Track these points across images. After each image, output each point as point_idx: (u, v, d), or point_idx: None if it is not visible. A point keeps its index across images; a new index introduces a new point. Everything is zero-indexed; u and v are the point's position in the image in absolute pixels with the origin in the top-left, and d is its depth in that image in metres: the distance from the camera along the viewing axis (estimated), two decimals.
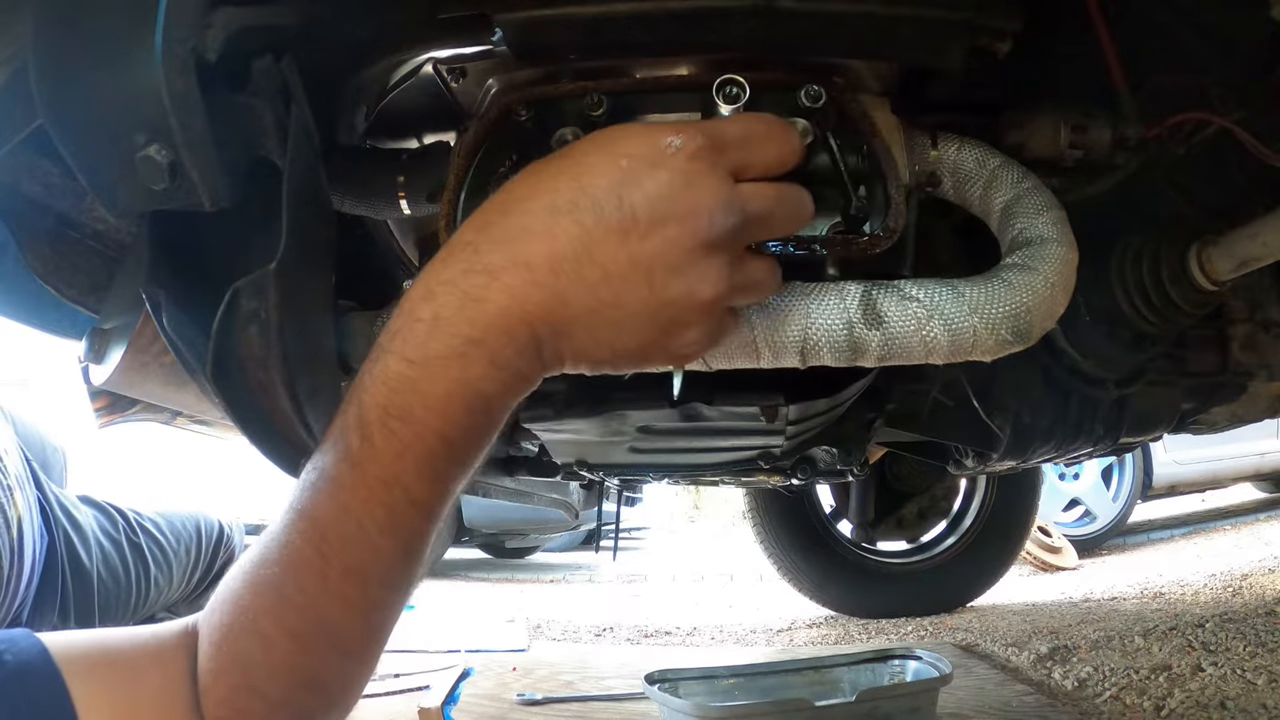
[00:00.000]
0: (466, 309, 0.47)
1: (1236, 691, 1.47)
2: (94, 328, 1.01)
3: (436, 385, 0.47)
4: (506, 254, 0.47)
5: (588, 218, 0.47)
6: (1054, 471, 4.20)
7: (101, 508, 1.98)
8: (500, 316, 0.47)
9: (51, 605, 1.73)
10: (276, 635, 0.50)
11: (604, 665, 2.06)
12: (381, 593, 0.52)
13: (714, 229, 0.48)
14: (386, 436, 0.48)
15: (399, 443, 0.48)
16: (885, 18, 0.66)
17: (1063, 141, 0.78)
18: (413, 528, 0.50)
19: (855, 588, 2.72)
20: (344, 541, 0.49)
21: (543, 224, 0.47)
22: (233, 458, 3.46)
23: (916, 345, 0.62)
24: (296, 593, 0.50)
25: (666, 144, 0.48)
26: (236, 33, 0.57)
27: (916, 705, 1.33)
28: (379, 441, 0.48)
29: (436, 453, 0.48)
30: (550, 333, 0.49)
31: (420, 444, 0.48)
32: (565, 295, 0.47)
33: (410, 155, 0.79)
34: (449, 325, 0.47)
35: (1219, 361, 1.10)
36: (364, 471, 0.48)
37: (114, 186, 0.57)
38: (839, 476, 1.51)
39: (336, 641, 0.52)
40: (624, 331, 0.49)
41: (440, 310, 0.47)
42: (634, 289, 0.48)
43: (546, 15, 0.67)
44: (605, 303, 0.48)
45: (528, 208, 0.48)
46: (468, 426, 0.49)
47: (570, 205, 0.47)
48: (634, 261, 0.47)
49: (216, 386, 0.61)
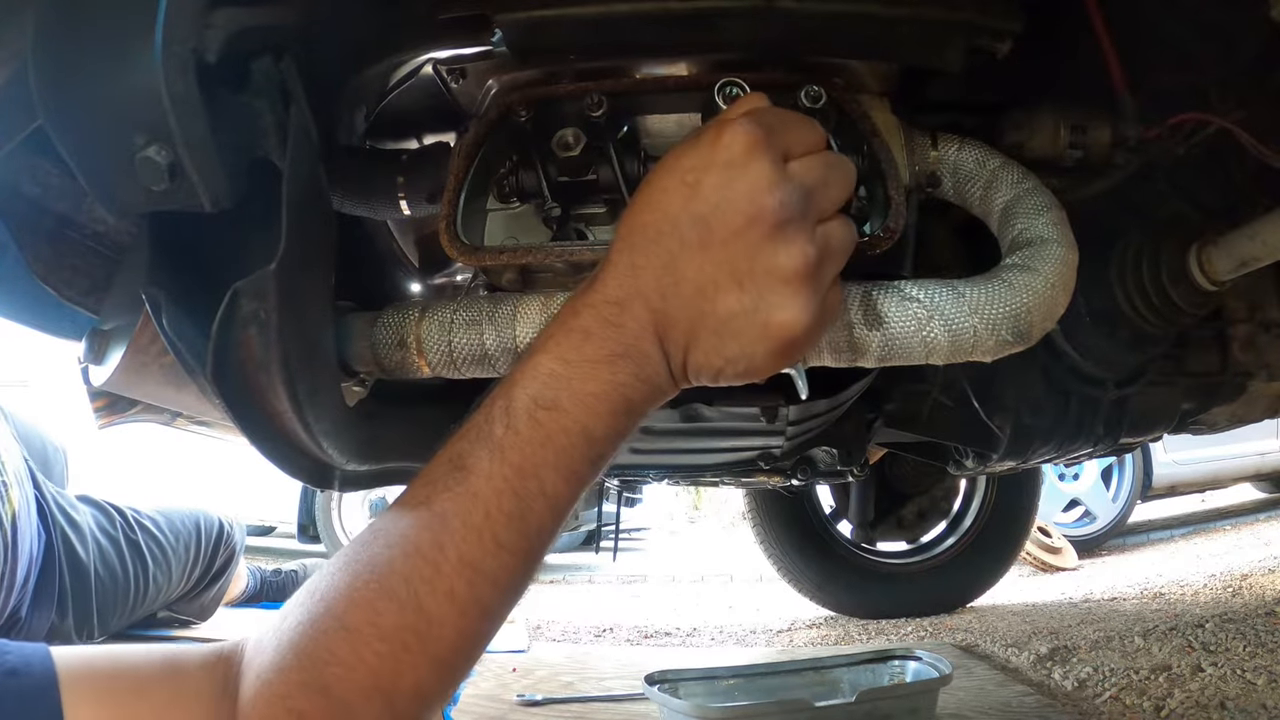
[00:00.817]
0: (607, 331, 0.53)
1: (1236, 691, 1.47)
2: (94, 328, 1.01)
3: (588, 383, 0.52)
4: (626, 288, 0.53)
5: (673, 242, 0.52)
6: (1054, 472, 4.20)
7: (99, 506, 1.98)
8: (635, 339, 0.53)
9: (49, 603, 1.73)
10: (366, 631, 0.48)
11: (604, 666, 2.06)
12: (489, 593, 0.51)
13: (781, 211, 0.51)
14: (532, 425, 0.51)
15: (543, 431, 0.51)
16: (885, 18, 0.66)
17: (1063, 141, 0.78)
18: (539, 524, 0.52)
19: (855, 588, 2.72)
20: (467, 530, 0.50)
21: (645, 256, 0.53)
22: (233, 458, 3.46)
23: (917, 346, 0.62)
24: (401, 584, 0.49)
25: (721, 145, 0.52)
26: (236, 33, 0.57)
27: (916, 706, 1.33)
28: (524, 429, 0.51)
29: (577, 447, 0.52)
30: (673, 350, 0.54)
31: (564, 436, 0.51)
32: (672, 315, 0.53)
33: (410, 156, 0.79)
34: (597, 341, 0.52)
35: (1219, 361, 1.10)
36: (503, 458, 0.51)
37: (114, 187, 0.57)
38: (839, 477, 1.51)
39: (428, 645, 0.50)
40: (730, 336, 0.53)
41: (590, 327, 0.53)
42: (726, 292, 0.52)
43: (546, 15, 0.67)
44: (706, 313, 0.53)
45: (633, 243, 0.54)
46: (609, 425, 0.53)
47: (658, 234, 0.53)
48: (718, 266, 0.52)
49: (216, 387, 0.61)
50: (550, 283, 0.74)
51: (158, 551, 2.04)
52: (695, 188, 0.52)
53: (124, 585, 1.93)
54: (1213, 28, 0.78)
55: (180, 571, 2.13)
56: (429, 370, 0.71)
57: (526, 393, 0.52)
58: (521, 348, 0.68)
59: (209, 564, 2.23)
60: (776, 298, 0.52)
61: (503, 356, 0.69)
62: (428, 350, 0.70)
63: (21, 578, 1.65)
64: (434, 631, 0.50)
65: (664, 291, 0.52)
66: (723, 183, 0.51)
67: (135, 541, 1.99)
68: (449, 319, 0.70)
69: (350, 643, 0.48)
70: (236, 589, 2.50)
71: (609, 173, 0.72)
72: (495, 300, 0.70)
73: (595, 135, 0.70)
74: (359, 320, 0.73)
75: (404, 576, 0.49)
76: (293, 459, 0.70)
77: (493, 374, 0.71)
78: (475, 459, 0.51)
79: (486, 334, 0.69)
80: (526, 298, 0.70)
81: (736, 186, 0.51)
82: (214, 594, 2.30)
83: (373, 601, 0.49)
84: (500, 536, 0.50)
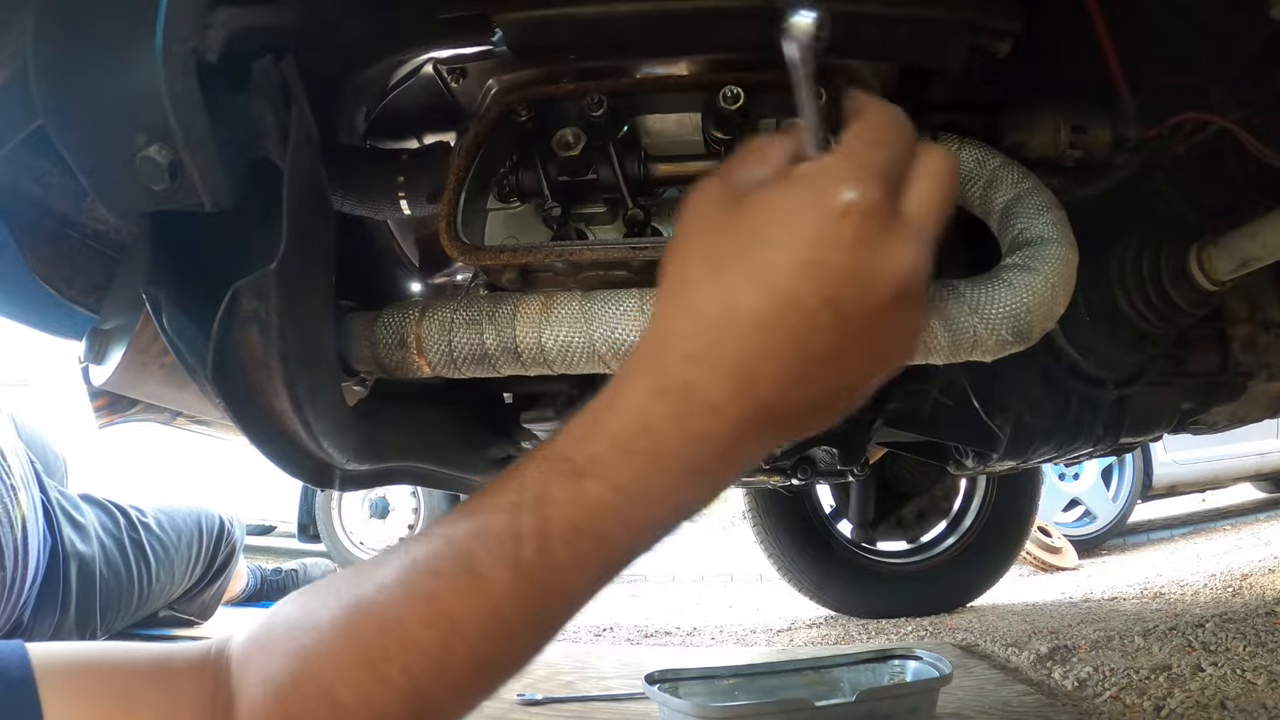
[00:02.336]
0: (689, 447, 0.45)
1: (1236, 691, 1.47)
2: (94, 328, 1.01)
3: (648, 513, 0.46)
4: (730, 388, 0.44)
5: (800, 326, 0.44)
6: (1054, 471, 4.20)
7: (103, 506, 1.98)
8: (727, 449, 0.45)
9: (53, 604, 1.74)
10: (360, 712, 0.46)
11: (604, 665, 2.06)
12: (496, 680, 0.50)
13: (919, 278, 0.45)
14: (570, 553, 0.46)
15: (581, 558, 0.46)
16: (886, 18, 0.66)
17: (1063, 141, 0.78)
18: (558, 625, 0.49)
19: (855, 588, 2.72)
20: (482, 638, 0.47)
21: (758, 345, 0.44)
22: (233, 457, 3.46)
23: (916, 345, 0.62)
24: (399, 674, 0.46)
25: (840, 207, 0.43)
26: (237, 33, 0.57)
27: (916, 705, 1.33)
28: (560, 555, 0.46)
29: (618, 564, 0.48)
30: (774, 435, 0.47)
31: (609, 561, 0.47)
32: (790, 401, 0.45)
33: (410, 155, 0.79)
34: (671, 462, 0.45)
35: (1219, 361, 1.10)
36: (530, 579, 0.46)
37: (114, 187, 0.57)
38: (839, 476, 1.51)
39: None
40: (848, 392, 0.48)
41: (661, 447, 0.45)
42: (856, 359, 0.46)
43: (546, 15, 0.67)
44: (831, 384, 0.46)
45: (739, 332, 0.44)
46: (661, 539, 0.48)
47: (777, 320, 0.44)
48: (854, 340, 0.45)
49: (216, 386, 0.61)
50: (550, 282, 0.74)
51: (160, 550, 2.04)
52: (821, 267, 0.43)
53: (128, 584, 1.93)
54: (1213, 28, 0.78)
55: (183, 570, 2.13)
56: (429, 370, 0.71)
57: (566, 518, 0.45)
58: (521, 347, 0.68)
59: (210, 562, 2.23)
60: (903, 354, 0.48)
61: (503, 356, 0.69)
62: (428, 350, 0.70)
63: (30, 580, 1.66)
64: (434, 713, 0.48)
65: (786, 380, 0.44)
66: (857, 261, 0.43)
67: (139, 541, 1.99)
68: (449, 318, 0.70)
69: (340, 719, 0.47)
70: (237, 588, 2.50)
71: (609, 172, 0.72)
72: (495, 300, 0.70)
73: (595, 135, 0.70)
74: (359, 320, 0.73)
75: (402, 667, 0.46)
76: (293, 458, 0.70)
77: (493, 374, 0.71)
78: (495, 574, 0.46)
79: (486, 333, 0.69)
80: (526, 297, 0.70)
81: (875, 262, 0.43)
82: (215, 592, 2.31)
83: (366, 686, 0.46)
84: (517, 640, 0.48)
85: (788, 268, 0.43)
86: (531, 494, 0.46)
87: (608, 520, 0.45)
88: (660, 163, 0.74)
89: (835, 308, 0.43)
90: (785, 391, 0.45)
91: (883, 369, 0.48)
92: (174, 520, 2.11)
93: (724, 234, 0.46)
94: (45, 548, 1.72)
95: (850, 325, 0.44)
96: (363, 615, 0.48)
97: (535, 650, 0.50)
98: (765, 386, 0.44)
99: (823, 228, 0.43)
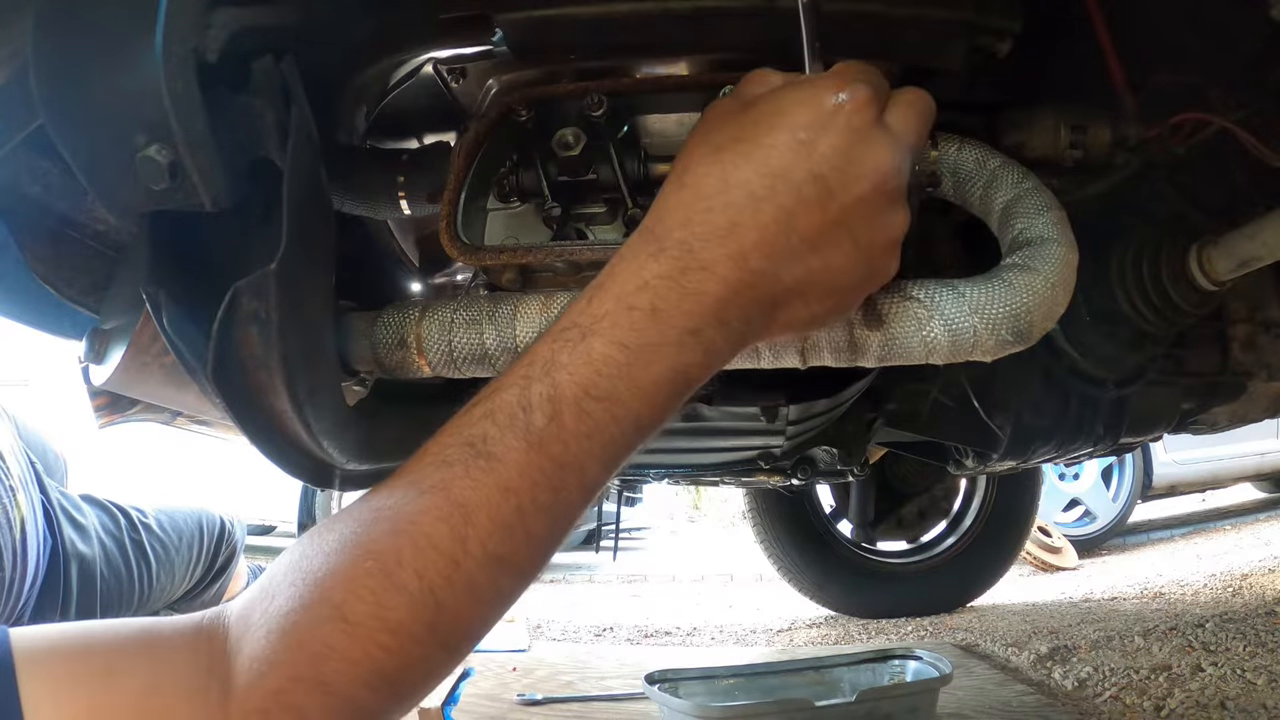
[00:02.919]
0: (685, 303, 0.49)
1: (1236, 691, 1.47)
2: (94, 328, 1.01)
3: (650, 370, 0.48)
4: (721, 249, 0.49)
5: (788, 199, 0.50)
6: (1054, 471, 4.20)
7: (103, 506, 1.98)
8: (717, 307, 0.49)
9: (54, 604, 1.74)
10: (371, 625, 0.45)
11: (604, 665, 2.06)
12: (511, 582, 0.49)
13: (899, 179, 0.52)
14: (580, 417, 0.47)
15: (591, 424, 0.48)
16: (886, 17, 0.66)
17: (1063, 141, 0.78)
18: (573, 513, 0.50)
19: (855, 588, 2.72)
20: (495, 526, 0.47)
21: (748, 215, 0.49)
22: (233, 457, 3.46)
23: (917, 345, 0.62)
24: (413, 578, 0.46)
25: (832, 104, 0.50)
26: (237, 33, 0.57)
27: (916, 705, 1.33)
28: (570, 421, 0.47)
29: (627, 436, 0.49)
30: (762, 311, 0.51)
31: (615, 426, 0.48)
32: (779, 274, 0.50)
33: (410, 155, 0.79)
34: (668, 317, 0.49)
35: (1219, 361, 1.10)
36: (542, 450, 0.47)
37: (114, 187, 0.57)
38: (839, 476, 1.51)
39: (440, 634, 0.47)
40: (832, 290, 0.53)
41: (659, 303, 0.49)
42: (839, 248, 0.51)
43: (547, 15, 0.67)
44: (815, 269, 0.51)
45: (729, 200, 0.50)
46: (664, 410, 0.50)
47: (768, 191, 0.50)
48: (836, 225, 0.51)
49: (216, 386, 0.61)
50: (550, 282, 0.74)
51: (161, 551, 2.04)
52: (811, 146, 0.50)
53: (129, 585, 1.93)
54: (1213, 27, 0.78)
55: (183, 570, 2.13)
56: (429, 370, 0.72)
57: (575, 380, 0.48)
58: (522, 347, 0.68)
59: (211, 562, 2.23)
60: (884, 261, 0.53)
61: (503, 356, 0.70)
62: (428, 349, 0.70)
63: (29, 582, 1.65)
64: (448, 622, 0.47)
65: (773, 250, 0.50)
66: (844, 146, 0.50)
67: (139, 541, 1.99)
68: (449, 318, 0.70)
69: (352, 637, 0.45)
70: (237, 588, 2.50)
71: (609, 172, 0.72)
72: (495, 300, 0.70)
73: (595, 135, 0.70)
74: (359, 320, 0.73)
75: (416, 570, 0.46)
76: (293, 458, 0.70)
77: (493, 374, 0.71)
78: (506, 448, 0.47)
79: (487, 333, 0.69)
80: (526, 297, 0.70)
81: (859, 152, 0.50)
82: (215, 592, 2.31)
83: (378, 595, 0.45)
84: (532, 530, 0.48)
85: (780, 145, 0.50)
86: (540, 365, 0.49)
87: (616, 379, 0.48)
88: (660, 163, 0.74)
89: (821, 184, 0.49)
90: (773, 261, 0.50)
91: (865, 275, 0.53)
92: (175, 521, 2.11)
93: (727, 127, 0.52)
94: (45, 548, 1.72)
95: (834, 206, 0.50)
96: (374, 524, 0.47)
97: (549, 544, 0.50)
98: (754, 253, 0.49)
99: (816, 116, 0.50)
